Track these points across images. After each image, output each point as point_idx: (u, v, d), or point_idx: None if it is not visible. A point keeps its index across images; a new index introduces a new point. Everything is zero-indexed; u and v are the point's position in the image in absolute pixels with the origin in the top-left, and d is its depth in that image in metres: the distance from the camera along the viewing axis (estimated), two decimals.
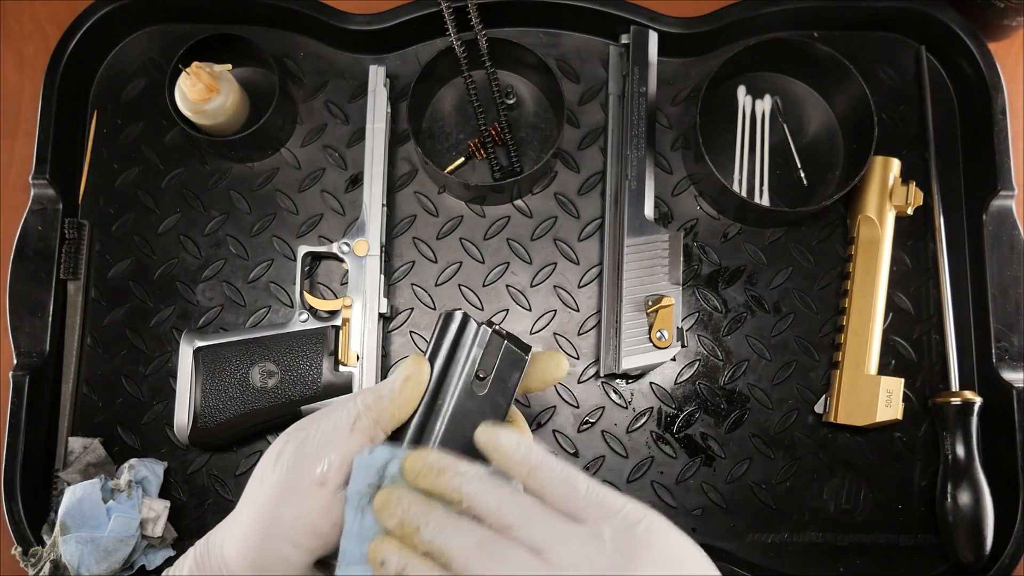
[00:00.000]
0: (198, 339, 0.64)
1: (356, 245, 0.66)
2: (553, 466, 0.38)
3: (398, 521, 0.38)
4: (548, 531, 0.36)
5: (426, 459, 0.39)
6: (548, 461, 0.38)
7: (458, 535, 0.37)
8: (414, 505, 0.38)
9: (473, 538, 0.36)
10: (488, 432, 0.39)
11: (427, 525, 0.37)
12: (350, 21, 0.70)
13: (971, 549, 0.63)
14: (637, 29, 0.68)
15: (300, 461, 0.41)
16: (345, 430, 0.41)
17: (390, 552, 0.37)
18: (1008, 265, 0.67)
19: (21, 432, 0.63)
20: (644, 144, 0.67)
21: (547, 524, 0.37)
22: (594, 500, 0.37)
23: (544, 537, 0.36)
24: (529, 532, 0.36)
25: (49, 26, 0.73)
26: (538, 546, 0.36)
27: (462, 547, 0.36)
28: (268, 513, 0.40)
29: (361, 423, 0.41)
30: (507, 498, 0.37)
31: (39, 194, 0.68)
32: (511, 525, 0.37)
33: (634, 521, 0.37)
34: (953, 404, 0.65)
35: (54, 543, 0.59)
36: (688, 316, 0.69)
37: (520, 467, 0.38)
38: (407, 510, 0.38)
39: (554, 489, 0.38)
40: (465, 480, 0.38)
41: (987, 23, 0.70)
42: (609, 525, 0.36)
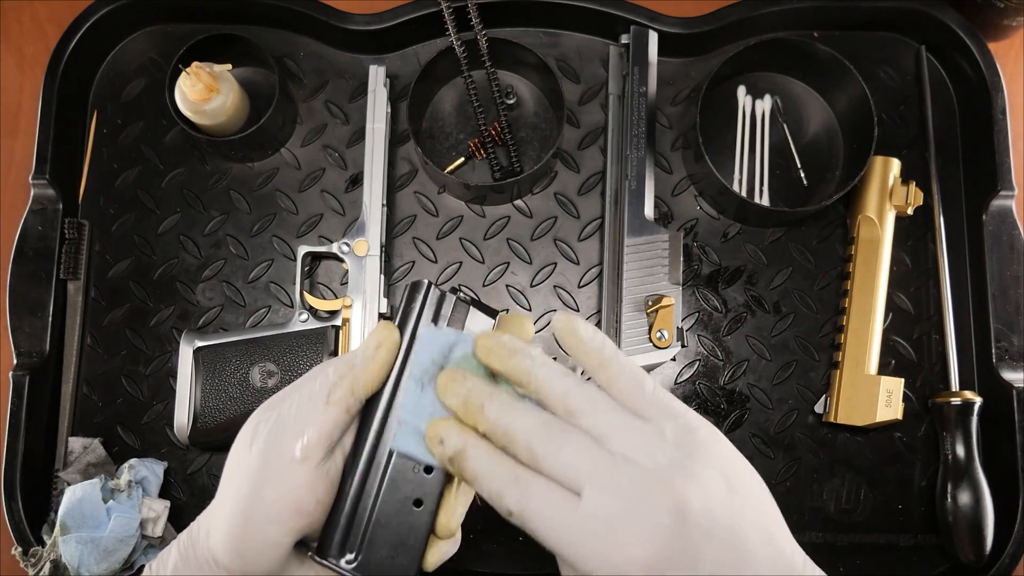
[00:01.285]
0: (198, 339, 0.64)
1: (356, 245, 0.66)
2: (623, 362, 0.38)
3: (462, 400, 0.38)
4: (612, 421, 0.36)
5: (500, 339, 0.39)
6: (619, 356, 0.38)
7: (522, 415, 0.37)
8: (480, 383, 0.38)
9: (537, 419, 0.36)
10: (566, 319, 0.39)
11: (491, 403, 0.37)
12: (350, 21, 0.70)
13: (971, 549, 0.63)
14: (637, 29, 0.68)
15: (277, 438, 0.40)
16: (321, 402, 0.40)
17: (449, 431, 0.37)
18: (1008, 265, 0.68)
19: (21, 432, 0.63)
20: (644, 144, 0.67)
21: (612, 414, 0.37)
22: (659, 401, 0.37)
23: (608, 426, 0.36)
24: (593, 420, 0.36)
25: (49, 26, 0.73)
26: (601, 434, 0.36)
27: (526, 427, 0.36)
28: (250, 496, 0.39)
29: (336, 393, 0.40)
30: (574, 385, 0.37)
31: (39, 194, 0.68)
32: (576, 411, 0.37)
33: (695, 427, 0.37)
34: (953, 404, 0.65)
35: (54, 543, 0.59)
36: (688, 316, 0.69)
37: (593, 356, 0.38)
38: (472, 388, 0.38)
39: (622, 384, 0.38)
40: (535, 364, 0.38)
41: (987, 23, 0.70)
42: (671, 425, 0.37)
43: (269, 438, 0.40)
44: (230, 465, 0.41)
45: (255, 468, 0.39)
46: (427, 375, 0.40)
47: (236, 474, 0.40)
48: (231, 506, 0.40)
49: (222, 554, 0.40)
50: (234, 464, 0.41)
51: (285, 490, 0.39)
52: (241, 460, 0.40)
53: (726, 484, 0.36)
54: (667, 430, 0.37)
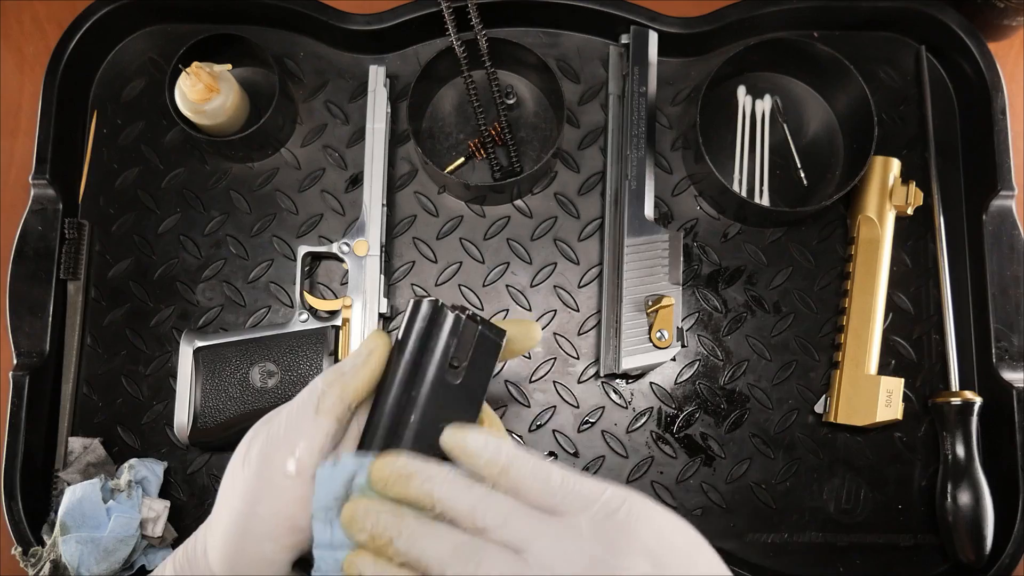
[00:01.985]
0: (198, 339, 0.64)
1: (356, 245, 0.66)
2: (524, 462, 0.37)
3: (368, 535, 0.37)
4: (525, 529, 0.35)
5: (393, 465, 0.37)
6: (519, 458, 0.37)
7: (433, 543, 0.36)
8: (383, 516, 0.37)
9: (449, 544, 0.35)
10: (454, 434, 0.38)
11: (399, 536, 0.36)
12: (350, 21, 0.70)
13: (971, 549, 0.63)
14: (637, 29, 0.68)
15: (269, 454, 0.39)
16: (310, 413, 0.40)
17: (365, 566, 0.36)
18: (1008, 265, 0.67)
19: (21, 432, 0.63)
20: (644, 144, 0.67)
21: (524, 522, 0.36)
22: (571, 491, 0.36)
23: (522, 536, 0.35)
24: (505, 532, 0.35)
25: (49, 26, 0.73)
26: (516, 545, 0.35)
27: (438, 554, 0.35)
28: (244, 514, 0.39)
29: (326, 402, 0.40)
30: (480, 499, 0.36)
31: (39, 194, 0.68)
32: (487, 527, 0.36)
33: (613, 509, 0.36)
34: (953, 404, 0.65)
35: (54, 543, 0.59)
36: (688, 316, 0.69)
37: (490, 467, 0.37)
38: (376, 523, 0.36)
39: (528, 485, 0.36)
40: (436, 484, 0.37)
41: (987, 23, 0.70)
42: (587, 515, 0.36)
43: (261, 454, 0.39)
44: (226, 482, 0.41)
45: (249, 485, 0.39)
46: (331, 512, 0.38)
47: (231, 491, 0.40)
48: (227, 523, 0.40)
49: (219, 569, 0.40)
50: (229, 481, 0.41)
51: (278, 507, 0.39)
52: (236, 477, 0.40)
53: (652, 564, 0.35)
54: (583, 523, 0.35)
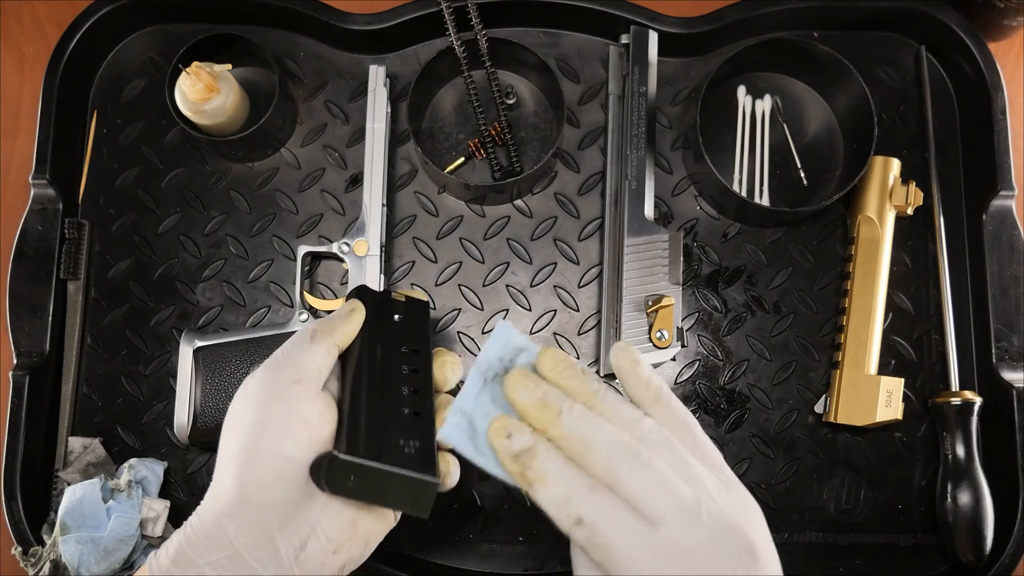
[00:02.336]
0: (198, 339, 0.64)
1: (356, 245, 0.66)
2: (676, 405, 0.38)
3: (538, 399, 0.36)
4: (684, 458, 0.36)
5: (567, 359, 0.38)
6: (673, 399, 0.38)
7: (603, 428, 0.35)
8: (556, 391, 0.37)
9: (620, 438, 0.35)
10: (627, 351, 0.38)
11: (571, 410, 0.36)
12: (350, 21, 0.70)
13: (971, 549, 0.63)
14: (637, 29, 0.68)
15: (273, 370, 0.42)
16: (306, 341, 0.43)
17: (519, 427, 0.36)
18: (1008, 265, 0.68)
19: (21, 432, 0.63)
20: (644, 144, 0.67)
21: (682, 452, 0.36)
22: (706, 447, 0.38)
23: (681, 463, 0.36)
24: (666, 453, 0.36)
25: (49, 26, 0.73)
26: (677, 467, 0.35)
27: (609, 441, 0.35)
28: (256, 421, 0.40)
29: (318, 335, 0.43)
30: (641, 417, 0.37)
31: (39, 194, 0.68)
32: (646, 440, 0.36)
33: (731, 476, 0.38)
34: (953, 404, 0.65)
35: (54, 543, 0.59)
36: (688, 316, 0.69)
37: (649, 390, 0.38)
38: (548, 392, 0.36)
39: (675, 425, 0.37)
40: (603, 388, 0.37)
41: (987, 23, 0.70)
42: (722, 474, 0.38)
43: (265, 373, 0.42)
44: (230, 417, 0.42)
45: (257, 399, 0.41)
46: (491, 371, 0.39)
47: (237, 417, 0.41)
48: (239, 441, 0.40)
49: (234, 494, 0.39)
50: (234, 413, 0.42)
51: (290, 406, 0.40)
52: (242, 405, 0.42)
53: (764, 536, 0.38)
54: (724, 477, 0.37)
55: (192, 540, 0.40)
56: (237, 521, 0.39)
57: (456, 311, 0.69)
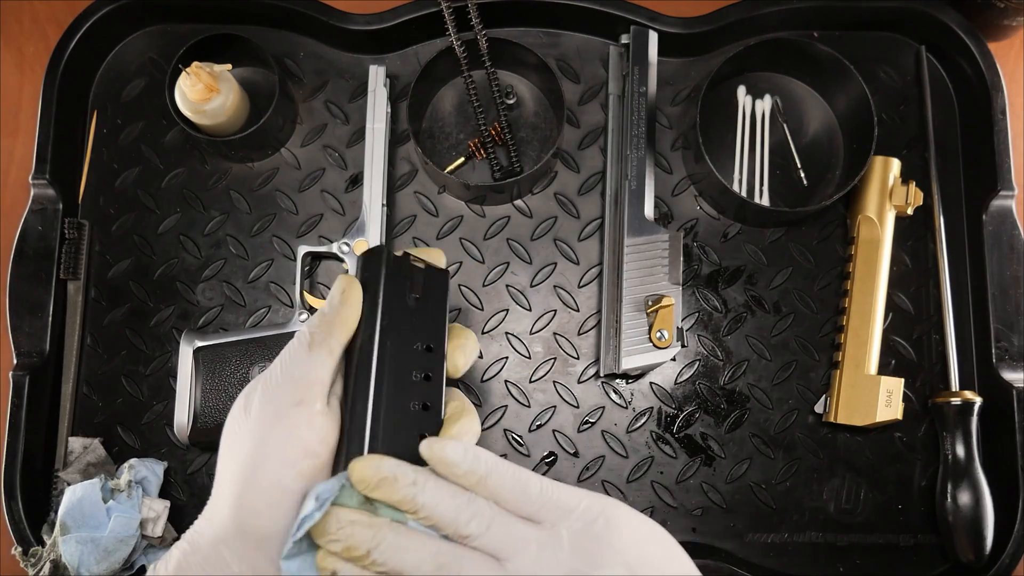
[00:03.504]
0: (198, 339, 0.64)
1: (356, 245, 0.66)
2: (503, 471, 0.37)
3: (343, 546, 0.36)
4: (506, 537, 0.36)
5: (377, 466, 0.37)
6: (498, 466, 0.37)
7: (411, 553, 0.36)
8: (358, 528, 0.36)
9: (427, 552, 0.36)
10: (432, 446, 0.38)
11: (377, 548, 0.36)
12: (350, 21, 0.70)
13: (971, 549, 0.63)
14: (637, 29, 0.68)
15: (271, 392, 0.40)
16: (304, 351, 0.41)
17: (343, 566, 0.36)
18: (1008, 265, 0.68)
19: (21, 432, 0.63)
20: (644, 144, 0.67)
21: (505, 530, 0.36)
22: (549, 501, 0.37)
23: (504, 544, 0.36)
24: (487, 540, 0.36)
25: (49, 26, 0.73)
26: (497, 553, 0.35)
27: (418, 563, 0.35)
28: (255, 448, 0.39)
29: (316, 340, 0.41)
30: (464, 505, 0.37)
31: (39, 194, 0.68)
32: (469, 534, 0.36)
33: (591, 518, 0.37)
34: (953, 404, 0.65)
35: (54, 543, 0.59)
36: (688, 316, 0.69)
37: (469, 477, 0.37)
38: (351, 535, 0.36)
39: (507, 494, 0.37)
40: (419, 489, 0.37)
41: (987, 23, 0.70)
42: (566, 526, 0.36)
43: (263, 395, 0.40)
44: (227, 439, 0.41)
45: (255, 424, 0.39)
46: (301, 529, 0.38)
47: (235, 441, 0.40)
48: (236, 468, 0.39)
49: (231, 524, 0.39)
50: (232, 434, 0.41)
51: (290, 433, 0.39)
52: (239, 427, 0.40)
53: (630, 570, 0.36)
54: (563, 534, 0.36)
55: (191, 561, 0.40)
56: (234, 550, 0.39)
57: (456, 311, 0.69)
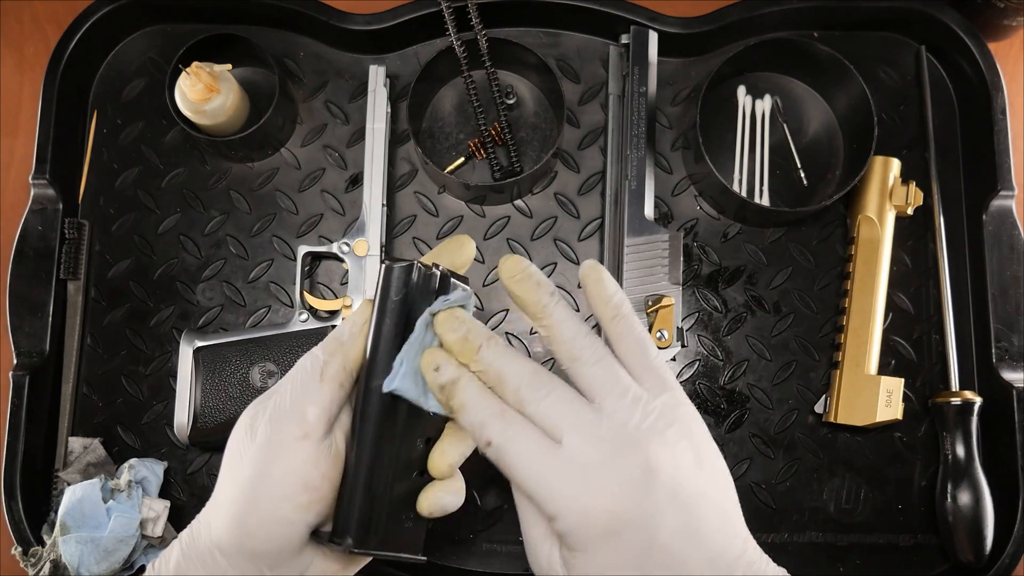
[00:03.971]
0: (198, 339, 0.64)
1: (356, 245, 0.66)
2: (635, 323, 0.40)
3: (461, 336, 0.39)
4: (608, 377, 0.38)
5: (526, 266, 0.40)
6: (634, 317, 0.40)
7: (514, 361, 0.39)
8: (478, 327, 0.40)
9: (528, 367, 0.38)
10: (595, 267, 0.41)
11: (488, 346, 0.39)
12: (350, 21, 0.70)
13: (971, 549, 0.63)
14: (637, 29, 0.68)
15: (278, 421, 0.40)
16: (315, 381, 0.41)
17: (446, 361, 0.39)
18: (1008, 265, 0.68)
19: (21, 432, 0.63)
20: (644, 144, 0.67)
21: (611, 372, 0.38)
22: (657, 369, 0.39)
23: (602, 384, 0.38)
24: (591, 373, 0.38)
25: (49, 26, 0.73)
26: (592, 392, 0.38)
27: (516, 371, 0.38)
28: (256, 476, 0.39)
29: (329, 370, 0.41)
30: (584, 333, 0.39)
31: (39, 194, 0.68)
32: (579, 358, 0.38)
33: (681, 401, 0.39)
34: (953, 404, 0.65)
35: (54, 543, 0.59)
36: (688, 316, 0.69)
37: (610, 308, 0.40)
38: (471, 329, 0.39)
39: (629, 343, 0.39)
40: (553, 302, 0.39)
41: (987, 23, 0.70)
42: (661, 394, 0.39)
43: (271, 422, 0.41)
44: (231, 456, 0.41)
45: (259, 450, 0.40)
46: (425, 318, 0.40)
47: (238, 462, 0.41)
48: (236, 491, 0.40)
49: (227, 540, 0.40)
50: (235, 454, 0.41)
51: (292, 466, 0.39)
52: (243, 448, 0.41)
53: (696, 459, 0.38)
54: (655, 398, 0.38)
55: (189, 562, 0.41)
56: (230, 559, 0.40)
57: None
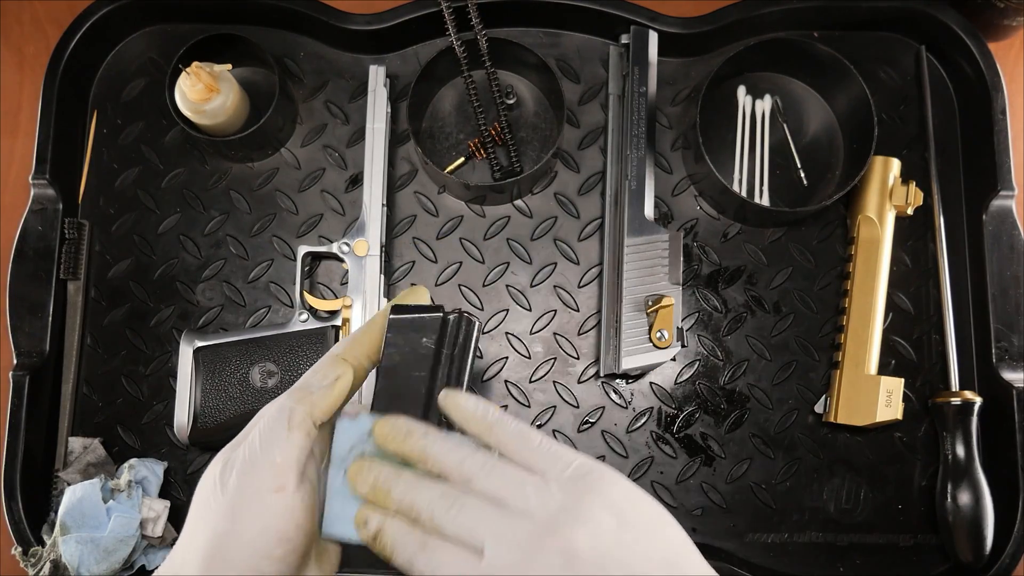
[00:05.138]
0: (198, 339, 0.64)
1: (356, 245, 0.66)
2: (508, 422, 0.41)
3: (370, 486, 0.41)
4: (505, 480, 0.39)
5: (395, 424, 0.41)
6: (503, 419, 0.41)
7: (423, 490, 0.40)
8: (384, 470, 0.41)
9: (436, 491, 0.39)
10: (448, 395, 0.42)
11: (396, 486, 0.40)
12: (350, 21, 0.70)
13: (971, 549, 0.63)
14: (637, 29, 0.68)
15: (248, 473, 0.40)
16: (283, 430, 0.41)
17: (372, 515, 0.40)
18: (1008, 265, 0.68)
19: (21, 432, 0.63)
20: (644, 144, 0.67)
21: (503, 475, 0.39)
22: (548, 452, 0.40)
23: (502, 485, 0.39)
24: (488, 483, 0.39)
25: (49, 26, 0.73)
26: (497, 494, 0.39)
27: (426, 499, 0.39)
28: (230, 531, 0.39)
29: (295, 418, 0.41)
30: (468, 454, 0.40)
31: (39, 194, 0.68)
32: (472, 477, 0.39)
33: (587, 471, 0.39)
34: (953, 404, 0.65)
35: (54, 543, 0.59)
36: (688, 316, 0.69)
37: (478, 423, 0.41)
38: (377, 476, 0.41)
39: (510, 443, 0.40)
40: (429, 442, 0.40)
41: (987, 23, 0.70)
42: (564, 474, 0.39)
43: (240, 475, 0.40)
44: (199, 506, 0.41)
45: (230, 505, 0.40)
46: (347, 462, 0.42)
47: (208, 514, 0.40)
48: (210, 547, 0.40)
49: None
50: (203, 505, 0.41)
51: (267, 521, 0.40)
52: (211, 501, 0.40)
53: (617, 521, 0.38)
54: (558, 481, 0.39)
55: None
56: None
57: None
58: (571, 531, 0.37)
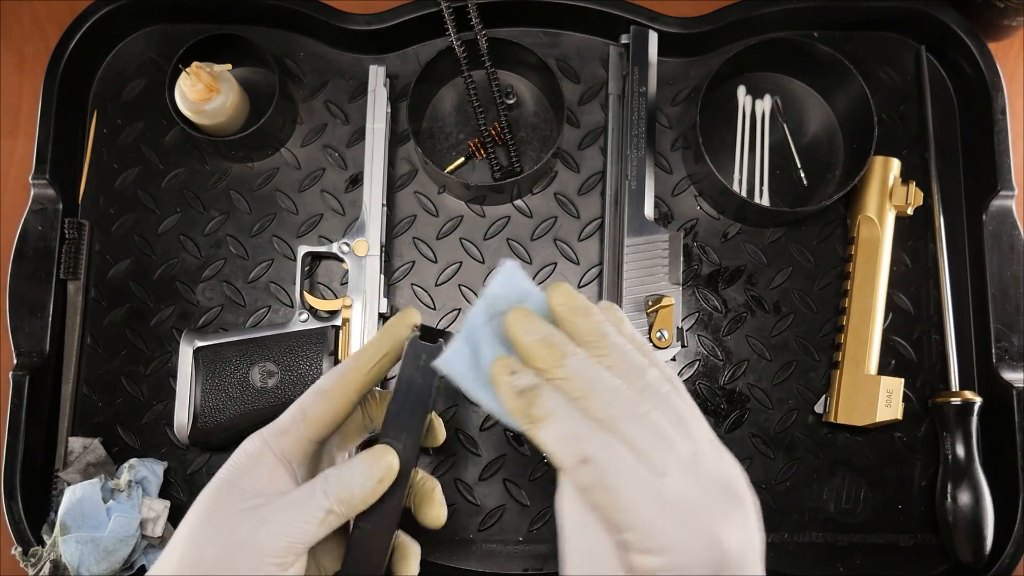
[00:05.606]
0: (198, 339, 0.64)
1: (356, 245, 0.66)
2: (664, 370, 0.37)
3: (541, 338, 0.35)
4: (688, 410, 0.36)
5: (578, 296, 0.36)
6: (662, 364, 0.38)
7: (608, 375, 0.34)
8: (559, 333, 0.35)
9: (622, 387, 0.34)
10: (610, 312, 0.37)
11: (576, 354, 0.35)
12: (350, 21, 0.70)
13: (971, 549, 0.63)
14: (637, 29, 0.68)
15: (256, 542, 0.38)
16: (314, 525, 0.38)
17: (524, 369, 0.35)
18: (1008, 265, 0.68)
19: (21, 432, 0.63)
20: (644, 144, 0.67)
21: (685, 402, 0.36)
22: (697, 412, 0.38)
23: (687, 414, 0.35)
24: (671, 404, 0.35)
25: (49, 26, 0.73)
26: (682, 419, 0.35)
27: (613, 387, 0.34)
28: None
29: (330, 520, 0.39)
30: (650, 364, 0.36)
31: (39, 194, 0.68)
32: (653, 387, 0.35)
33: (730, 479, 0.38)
34: (953, 404, 0.65)
35: (54, 543, 0.59)
36: (688, 316, 0.69)
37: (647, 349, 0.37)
38: (551, 335, 0.35)
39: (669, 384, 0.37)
40: (612, 332, 0.35)
41: (987, 23, 0.70)
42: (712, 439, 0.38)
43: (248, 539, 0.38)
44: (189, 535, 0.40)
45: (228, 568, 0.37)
46: (495, 307, 0.37)
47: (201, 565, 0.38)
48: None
49: None
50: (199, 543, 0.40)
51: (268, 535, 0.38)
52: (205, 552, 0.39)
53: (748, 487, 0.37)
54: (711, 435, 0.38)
55: None
56: None
57: (456, 311, 0.69)
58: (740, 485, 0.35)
